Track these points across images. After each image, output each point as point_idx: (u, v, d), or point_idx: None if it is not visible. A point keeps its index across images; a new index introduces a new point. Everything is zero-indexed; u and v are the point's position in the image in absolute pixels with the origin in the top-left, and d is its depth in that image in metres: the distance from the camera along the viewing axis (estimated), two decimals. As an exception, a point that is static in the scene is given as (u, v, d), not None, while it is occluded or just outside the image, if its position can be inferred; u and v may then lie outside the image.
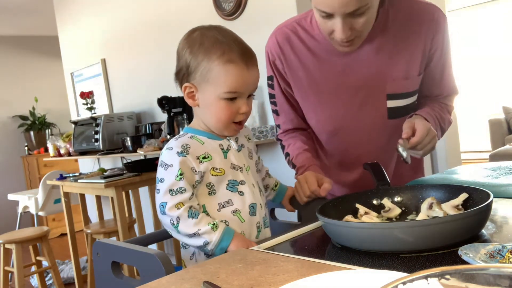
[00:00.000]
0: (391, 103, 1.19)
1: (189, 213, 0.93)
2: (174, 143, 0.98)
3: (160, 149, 3.03)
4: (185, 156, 0.96)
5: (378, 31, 1.14)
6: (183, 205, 0.94)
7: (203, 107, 1.00)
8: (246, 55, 0.96)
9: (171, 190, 0.94)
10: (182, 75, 0.99)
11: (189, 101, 1.01)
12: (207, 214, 0.98)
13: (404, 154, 1.05)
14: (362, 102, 1.20)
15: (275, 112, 1.34)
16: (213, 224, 0.94)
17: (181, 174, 0.94)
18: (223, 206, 0.99)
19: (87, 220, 3.56)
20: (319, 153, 1.35)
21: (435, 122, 1.17)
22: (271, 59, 1.26)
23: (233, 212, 0.99)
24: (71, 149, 4.01)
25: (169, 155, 0.97)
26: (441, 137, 1.26)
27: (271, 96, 1.33)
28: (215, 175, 0.98)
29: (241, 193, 1.01)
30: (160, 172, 0.97)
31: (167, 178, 0.95)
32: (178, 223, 0.93)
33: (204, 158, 0.98)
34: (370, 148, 1.26)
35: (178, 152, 0.96)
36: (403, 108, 1.21)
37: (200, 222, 0.93)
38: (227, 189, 1.00)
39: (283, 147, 1.34)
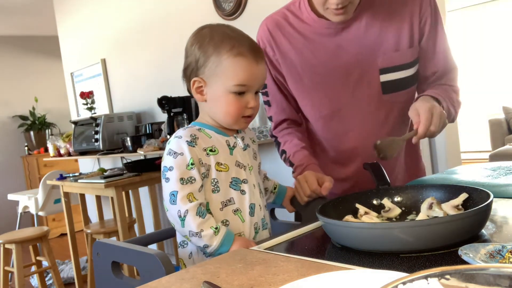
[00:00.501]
0: (384, 77, 1.19)
1: (198, 210, 0.93)
2: (183, 132, 0.98)
3: (160, 149, 3.04)
4: (193, 146, 0.96)
5: (366, 8, 1.16)
6: (195, 199, 0.93)
7: (211, 102, 1.00)
8: (255, 50, 0.98)
9: (182, 179, 0.94)
10: (191, 70, 1.00)
11: (197, 96, 1.01)
12: (210, 212, 0.97)
13: (381, 154, 1.06)
14: (357, 81, 1.20)
15: (267, 103, 1.34)
16: (216, 228, 0.93)
17: (192, 164, 0.94)
18: (225, 204, 0.99)
19: (87, 220, 3.56)
20: (316, 149, 1.34)
21: (445, 101, 1.14)
22: (262, 47, 1.26)
23: (235, 211, 0.99)
24: (71, 149, 4.01)
25: (178, 144, 0.96)
26: (455, 119, 1.23)
27: (263, 86, 1.32)
28: (219, 171, 0.98)
29: (243, 192, 1.01)
30: (169, 161, 0.96)
31: (177, 166, 0.95)
32: (185, 216, 0.93)
33: (211, 151, 0.98)
34: (368, 129, 1.23)
35: (187, 141, 0.96)
36: (396, 82, 1.20)
37: (205, 223, 0.93)
38: (230, 187, 1.00)
39: (278, 144, 1.33)
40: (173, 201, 0.94)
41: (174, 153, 0.96)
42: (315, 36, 1.20)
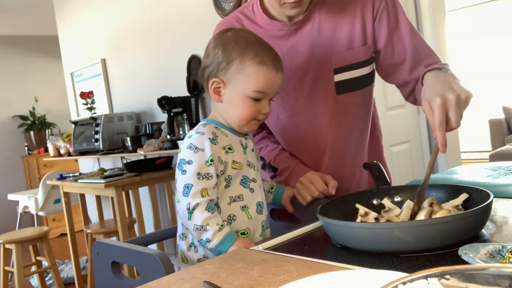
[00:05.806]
0: (338, 77, 1.17)
1: (208, 205, 0.95)
2: (204, 129, 1.01)
3: (160, 149, 3.04)
4: (215, 144, 0.99)
5: (318, 7, 1.15)
6: (207, 194, 0.95)
7: (227, 103, 1.03)
8: (276, 60, 1.01)
9: (199, 173, 0.96)
10: (210, 71, 1.02)
11: (214, 96, 1.04)
12: (218, 206, 1.00)
13: None
14: (312, 82, 1.18)
15: None
16: (221, 226, 0.95)
17: (211, 160, 0.97)
18: (233, 200, 1.02)
19: (87, 220, 3.56)
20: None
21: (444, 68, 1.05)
22: None
23: (242, 207, 1.02)
24: (71, 149, 4.01)
25: (200, 140, 0.99)
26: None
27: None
28: (234, 168, 1.01)
29: (252, 190, 1.04)
30: (189, 154, 0.98)
31: (196, 161, 0.97)
32: (194, 209, 0.94)
33: (229, 149, 1.01)
34: (327, 130, 1.21)
35: (210, 138, 0.99)
36: (350, 81, 1.18)
37: (212, 219, 0.94)
38: (240, 184, 1.03)
39: None
40: (186, 193, 0.95)
41: (196, 148, 0.98)
42: (268, 39, 1.16)
